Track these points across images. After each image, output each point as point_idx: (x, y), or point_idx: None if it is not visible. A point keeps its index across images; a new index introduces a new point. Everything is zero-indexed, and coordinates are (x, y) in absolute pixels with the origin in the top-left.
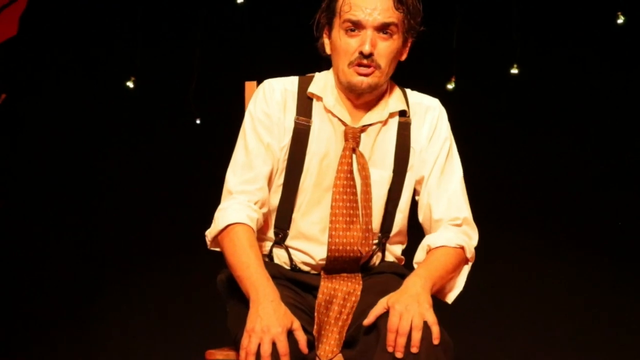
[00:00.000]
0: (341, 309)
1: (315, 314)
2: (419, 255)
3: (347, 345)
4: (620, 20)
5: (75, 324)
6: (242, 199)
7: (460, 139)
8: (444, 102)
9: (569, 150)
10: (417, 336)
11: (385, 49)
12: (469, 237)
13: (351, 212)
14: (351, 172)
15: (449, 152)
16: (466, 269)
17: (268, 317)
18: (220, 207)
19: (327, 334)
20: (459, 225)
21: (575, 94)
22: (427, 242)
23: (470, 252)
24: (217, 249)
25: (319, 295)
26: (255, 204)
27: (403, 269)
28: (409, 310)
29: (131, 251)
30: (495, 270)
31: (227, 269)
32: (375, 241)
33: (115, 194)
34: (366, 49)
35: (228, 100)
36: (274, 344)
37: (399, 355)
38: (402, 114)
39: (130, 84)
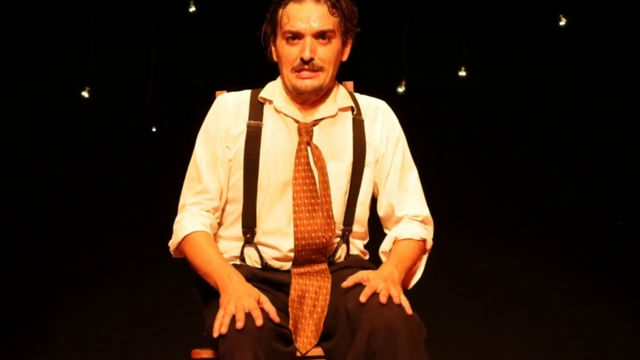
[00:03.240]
0: (314, 302)
1: (290, 309)
2: (386, 244)
3: (325, 337)
4: (562, 23)
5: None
6: (194, 209)
7: (411, 143)
8: (394, 106)
9: (516, 151)
10: (396, 293)
11: (326, 53)
12: (428, 231)
13: (312, 201)
14: (308, 164)
15: (404, 150)
16: (424, 258)
17: (237, 292)
18: (176, 219)
19: (303, 327)
20: (420, 221)
21: (523, 95)
22: (394, 234)
23: (429, 244)
24: (181, 257)
25: (292, 292)
26: (207, 211)
27: (369, 264)
28: (388, 282)
29: (91, 259)
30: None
31: (196, 277)
32: (339, 233)
33: (72, 203)
34: (306, 55)
35: (184, 109)
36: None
37: (382, 299)
38: (351, 111)
39: (85, 94)
